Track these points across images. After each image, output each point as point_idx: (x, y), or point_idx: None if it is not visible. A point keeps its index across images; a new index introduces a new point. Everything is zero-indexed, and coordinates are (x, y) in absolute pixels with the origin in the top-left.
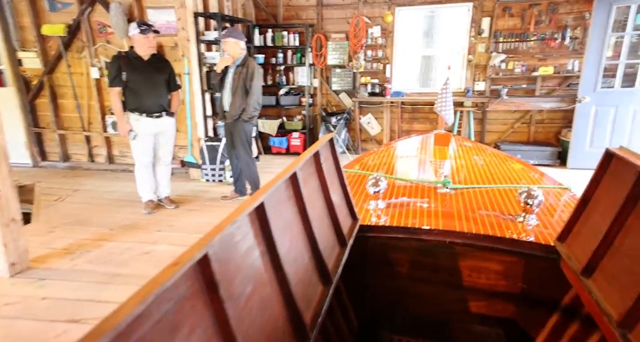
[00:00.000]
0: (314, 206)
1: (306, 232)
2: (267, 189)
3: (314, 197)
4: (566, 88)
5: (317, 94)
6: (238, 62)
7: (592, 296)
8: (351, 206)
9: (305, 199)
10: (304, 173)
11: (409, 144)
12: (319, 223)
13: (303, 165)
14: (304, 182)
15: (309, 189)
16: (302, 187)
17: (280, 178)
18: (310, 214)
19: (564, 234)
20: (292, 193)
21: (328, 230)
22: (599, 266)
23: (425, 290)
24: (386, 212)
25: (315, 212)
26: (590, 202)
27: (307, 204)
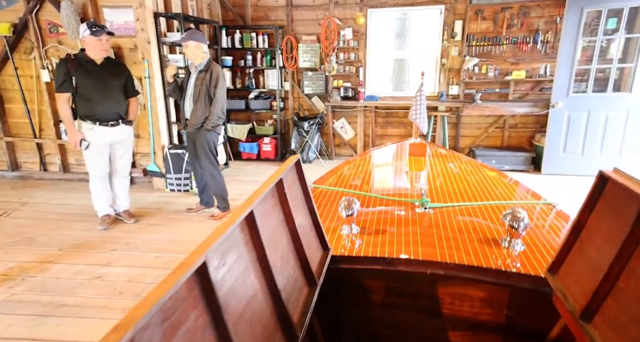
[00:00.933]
0: (277, 246)
1: (266, 282)
2: (218, 237)
3: (277, 236)
4: (539, 92)
5: (289, 98)
6: (200, 67)
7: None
8: (322, 235)
9: (265, 242)
10: (264, 208)
11: (385, 154)
12: (282, 266)
13: (262, 199)
14: (263, 220)
15: (269, 228)
16: (260, 228)
17: (235, 220)
18: (271, 259)
19: (556, 265)
20: (248, 237)
21: (294, 271)
22: (600, 309)
23: (405, 319)
24: (361, 237)
25: (277, 254)
26: (583, 231)
27: (267, 247)
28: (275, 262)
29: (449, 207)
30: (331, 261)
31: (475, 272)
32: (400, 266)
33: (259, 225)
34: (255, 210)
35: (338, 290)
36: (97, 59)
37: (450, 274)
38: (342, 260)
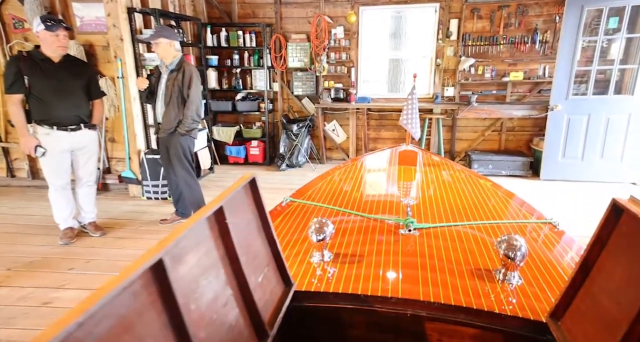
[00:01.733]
0: (200, 302)
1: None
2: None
3: (203, 289)
4: (537, 94)
5: (278, 99)
6: (172, 67)
7: None
8: (283, 267)
9: (183, 296)
10: (188, 248)
11: (377, 160)
12: (215, 327)
13: (184, 238)
14: (183, 266)
15: (193, 273)
16: (172, 280)
17: (135, 269)
18: (188, 322)
19: (560, 309)
20: (154, 297)
21: (237, 322)
22: None
23: None
24: (334, 265)
25: (200, 311)
26: (593, 270)
27: (183, 302)
28: (200, 328)
29: (437, 227)
30: (296, 298)
31: (463, 313)
32: (376, 305)
33: (170, 277)
34: (165, 258)
35: (308, 325)
36: (53, 57)
37: (434, 316)
38: (308, 297)
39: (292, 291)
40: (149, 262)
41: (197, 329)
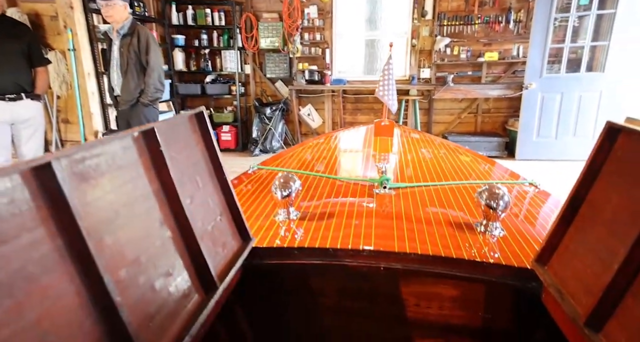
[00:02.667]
0: (121, 236)
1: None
2: None
3: (127, 223)
4: (511, 75)
5: (250, 83)
6: (124, 31)
7: None
8: (240, 221)
9: (85, 227)
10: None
11: (351, 135)
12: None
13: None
14: (80, 184)
15: (101, 207)
16: (71, 202)
17: None
18: (97, 254)
19: (546, 252)
20: (43, 213)
21: (174, 272)
22: (615, 314)
23: (361, 327)
24: (300, 225)
25: (120, 247)
26: (583, 206)
27: (89, 237)
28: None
29: (414, 187)
30: (256, 255)
31: (443, 265)
32: (346, 260)
33: (66, 191)
34: (57, 164)
35: (270, 287)
36: None
37: (410, 269)
38: (270, 254)
39: (250, 246)
40: (32, 163)
41: (114, 266)
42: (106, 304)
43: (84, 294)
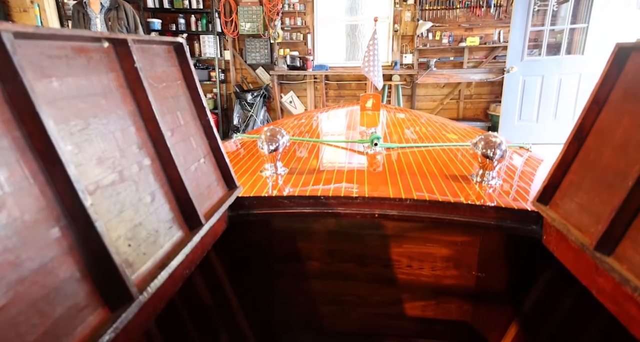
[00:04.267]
0: (87, 147)
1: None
2: None
3: (97, 133)
4: (492, 60)
5: (230, 69)
6: (107, 4)
7: (621, 279)
8: (225, 168)
9: (46, 121)
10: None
11: (334, 112)
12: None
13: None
14: (40, 79)
15: (64, 107)
16: (31, 93)
17: None
18: (62, 153)
19: (548, 191)
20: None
21: (153, 199)
22: (627, 234)
23: (351, 291)
24: (288, 178)
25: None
26: (589, 137)
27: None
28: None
29: (406, 148)
30: (243, 206)
31: (440, 209)
32: (338, 208)
33: (27, 84)
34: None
35: (261, 252)
36: None
37: (406, 215)
38: (258, 203)
39: (237, 193)
40: None
41: (83, 174)
42: (76, 209)
43: (49, 194)
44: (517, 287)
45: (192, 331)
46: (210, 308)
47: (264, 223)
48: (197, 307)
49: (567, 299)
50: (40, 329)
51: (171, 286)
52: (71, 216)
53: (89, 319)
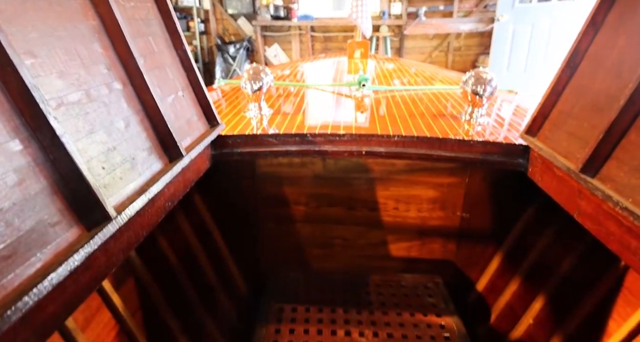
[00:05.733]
0: (47, 62)
1: None
2: None
3: (55, 52)
4: (483, 9)
5: (210, 20)
6: None
7: (604, 196)
8: (205, 102)
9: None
10: None
11: (320, 62)
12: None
13: None
14: None
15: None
16: None
17: None
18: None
19: (537, 122)
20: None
21: (128, 124)
22: (614, 154)
23: (338, 234)
24: (274, 118)
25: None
26: (583, 62)
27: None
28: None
29: (394, 91)
30: (226, 144)
31: (427, 145)
32: (325, 146)
33: None
34: None
35: (248, 201)
36: None
37: (394, 152)
38: (241, 142)
39: (219, 130)
40: None
41: (47, 90)
42: (38, 121)
43: (3, 102)
44: (499, 226)
45: (179, 268)
46: (196, 248)
47: (248, 167)
48: (183, 247)
49: (546, 233)
50: (8, 239)
51: (153, 215)
52: (33, 128)
53: (64, 235)
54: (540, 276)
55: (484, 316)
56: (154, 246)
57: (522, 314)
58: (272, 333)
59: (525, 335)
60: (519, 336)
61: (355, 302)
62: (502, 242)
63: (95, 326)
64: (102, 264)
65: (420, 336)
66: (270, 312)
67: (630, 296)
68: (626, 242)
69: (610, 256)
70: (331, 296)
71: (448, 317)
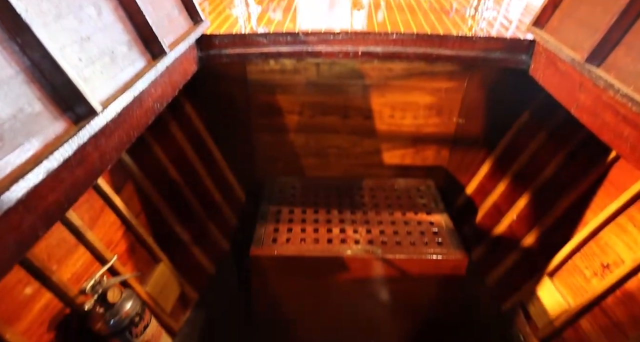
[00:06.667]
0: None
1: None
2: None
3: None
4: None
5: None
6: None
7: (606, 85)
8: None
9: None
10: None
11: None
12: None
13: None
14: None
15: None
16: None
17: None
18: None
19: (547, 12)
20: None
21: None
22: (622, 41)
23: (333, 143)
24: (261, 18)
25: None
26: None
27: None
28: None
29: None
30: (213, 45)
31: (428, 43)
32: (319, 46)
33: None
34: None
35: (241, 110)
36: None
37: (392, 52)
38: (229, 42)
39: (203, 27)
40: None
41: None
42: None
43: None
44: (493, 131)
45: (177, 176)
46: (192, 157)
47: (239, 73)
48: (178, 156)
49: (539, 136)
50: None
51: (142, 116)
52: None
53: (51, 127)
54: (527, 178)
55: (471, 215)
56: (149, 152)
57: (507, 212)
58: (271, 232)
59: (507, 230)
60: (502, 231)
61: (350, 204)
62: (494, 148)
63: (101, 224)
64: (95, 160)
65: (410, 232)
66: (268, 213)
67: (612, 188)
68: (620, 131)
69: (597, 153)
70: (326, 199)
71: (437, 215)
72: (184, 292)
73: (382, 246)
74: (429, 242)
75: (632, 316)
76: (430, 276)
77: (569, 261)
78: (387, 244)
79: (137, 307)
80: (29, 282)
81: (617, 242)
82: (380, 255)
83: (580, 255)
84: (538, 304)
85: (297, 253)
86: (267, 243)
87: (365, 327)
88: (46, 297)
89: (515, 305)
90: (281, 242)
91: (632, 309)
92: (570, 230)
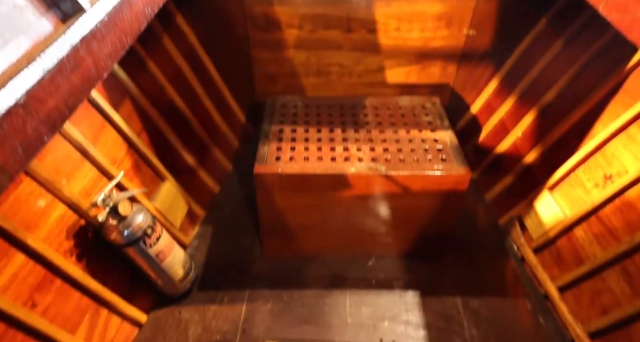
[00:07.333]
0: None
1: None
2: None
3: None
4: None
5: None
6: None
7: None
8: None
9: None
10: None
11: None
12: None
13: None
14: None
15: None
16: None
17: None
18: None
19: None
20: None
21: None
22: None
23: (332, 61)
24: None
25: None
26: None
27: None
28: None
29: None
30: None
31: None
32: None
33: None
34: None
35: (237, 25)
36: None
37: None
38: None
39: None
40: None
41: None
42: None
43: None
44: (505, 43)
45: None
46: (189, 75)
47: None
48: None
49: (554, 46)
50: None
51: (134, 21)
52: None
53: (38, 25)
54: (537, 93)
55: (476, 132)
56: (144, 68)
57: (512, 129)
58: (274, 150)
59: (512, 147)
60: (506, 149)
61: (353, 122)
62: (504, 62)
63: (104, 142)
64: (90, 67)
65: (414, 149)
66: (270, 132)
67: (626, 97)
68: None
69: (613, 62)
70: (329, 118)
71: (442, 131)
72: (192, 209)
73: (386, 163)
74: (432, 159)
75: (628, 222)
76: (432, 191)
77: (571, 174)
78: (390, 161)
79: (148, 220)
80: (41, 194)
81: (624, 153)
82: (383, 172)
83: (583, 168)
84: (535, 217)
85: (301, 171)
86: (271, 161)
87: (368, 240)
88: (60, 208)
89: (512, 219)
90: (285, 161)
91: (628, 216)
92: (576, 144)
